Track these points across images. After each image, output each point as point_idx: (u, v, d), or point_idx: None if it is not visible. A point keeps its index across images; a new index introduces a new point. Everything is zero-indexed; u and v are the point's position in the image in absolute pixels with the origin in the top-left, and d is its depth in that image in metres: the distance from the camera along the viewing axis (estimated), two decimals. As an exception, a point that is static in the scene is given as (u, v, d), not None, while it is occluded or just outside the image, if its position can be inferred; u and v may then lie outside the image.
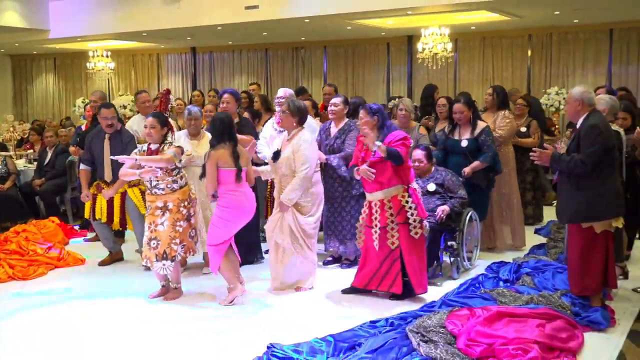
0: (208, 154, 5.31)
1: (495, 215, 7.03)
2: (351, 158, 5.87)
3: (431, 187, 6.11)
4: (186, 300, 5.55)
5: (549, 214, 8.03)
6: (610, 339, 4.59)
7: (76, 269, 6.70)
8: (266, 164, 6.00)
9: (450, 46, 11.87)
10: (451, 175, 6.19)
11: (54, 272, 6.56)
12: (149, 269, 5.74)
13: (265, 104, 8.26)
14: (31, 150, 10.44)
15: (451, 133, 6.67)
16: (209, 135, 5.70)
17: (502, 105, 7.25)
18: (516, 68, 13.89)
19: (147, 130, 5.50)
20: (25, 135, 11.01)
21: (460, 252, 6.14)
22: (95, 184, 6.63)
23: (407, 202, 5.28)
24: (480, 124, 6.57)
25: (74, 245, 7.65)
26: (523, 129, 8.13)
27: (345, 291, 5.62)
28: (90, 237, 7.88)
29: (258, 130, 7.08)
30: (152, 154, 5.48)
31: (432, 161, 6.30)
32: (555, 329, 4.40)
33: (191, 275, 6.30)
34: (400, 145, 5.24)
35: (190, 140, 6.25)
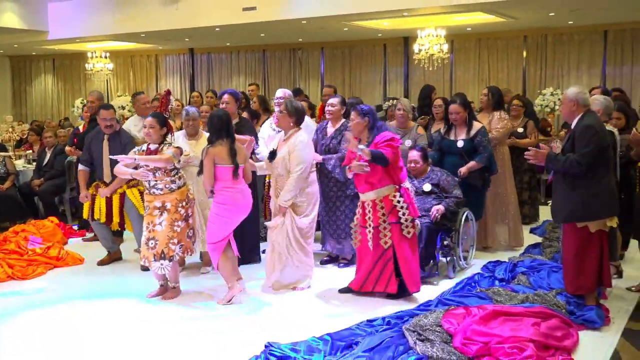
0: (206, 150, 5.30)
1: (491, 215, 7.07)
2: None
3: (427, 188, 6.16)
4: (184, 299, 5.56)
5: (545, 213, 8.07)
6: (605, 338, 4.62)
7: (75, 269, 6.72)
8: (264, 163, 6.03)
9: (446, 47, 11.92)
10: (446, 176, 6.24)
11: (52, 272, 6.58)
12: (147, 268, 5.77)
13: (264, 104, 8.27)
14: (30, 151, 10.44)
15: (447, 134, 6.70)
16: (207, 136, 5.72)
17: (498, 105, 7.29)
18: (511, 69, 13.93)
19: (147, 130, 5.52)
20: (24, 136, 11.00)
21: (457, 252, 6.18)
22: (94, 184, 6.66)
23: (399, 202, 5.30)
24: (476, 125, 6.61)
25: (73, 244, 7.66)
26: (520, 130, 8.17)
27: (342, 290, 5.65)
28: (89, 237, 7.90)
29: (257, 131, 7.11)
30: (151, 154, 5.50)
31: (428, 162, 6.35)
32: (550, 327, 4.43)
33: (189, 274, 6.32)
34: (385, 146, 5.23)
35: (188, 140, 6.28)
